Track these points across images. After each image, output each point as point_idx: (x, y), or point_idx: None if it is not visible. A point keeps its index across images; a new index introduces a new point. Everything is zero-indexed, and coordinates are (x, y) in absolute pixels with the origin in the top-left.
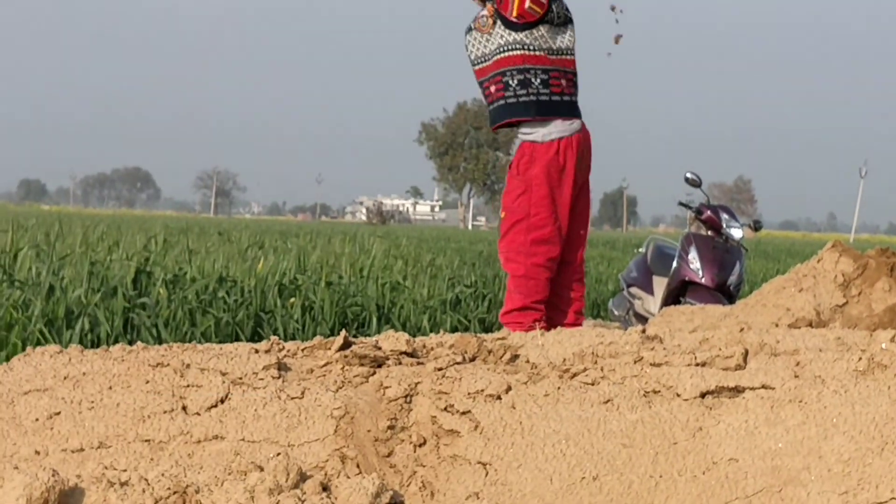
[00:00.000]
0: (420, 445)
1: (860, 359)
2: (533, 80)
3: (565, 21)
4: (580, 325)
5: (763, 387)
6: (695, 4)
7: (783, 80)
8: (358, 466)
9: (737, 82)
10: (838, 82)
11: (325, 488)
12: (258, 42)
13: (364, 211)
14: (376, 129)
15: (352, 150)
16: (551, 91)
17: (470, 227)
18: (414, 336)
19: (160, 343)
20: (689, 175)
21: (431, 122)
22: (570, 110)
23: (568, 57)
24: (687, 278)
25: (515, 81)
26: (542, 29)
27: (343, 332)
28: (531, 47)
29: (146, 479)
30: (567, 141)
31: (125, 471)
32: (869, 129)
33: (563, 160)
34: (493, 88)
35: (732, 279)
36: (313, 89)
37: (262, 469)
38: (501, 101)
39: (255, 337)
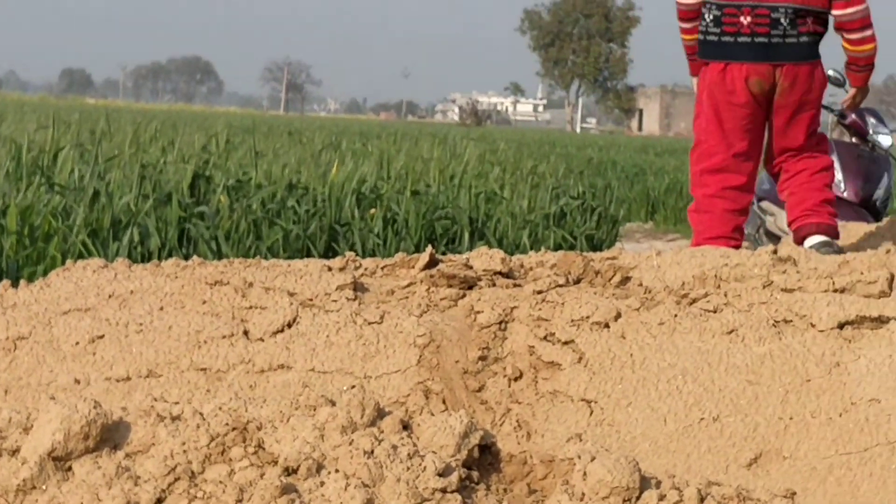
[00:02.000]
0: (516, 379)
1: None
2: (706, 15)
3: None
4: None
5: None
6: None
7: None
8: (444, 402)
9: None
10: None
11: (405, 426)
12: None
13: (456, 110)
14: (472, 17)
15: (444, 41)
16: (722, 30)
17: (578, 129)
18: (511, 254)
19: (220, 258)
20: (831, 73)
21: (535, 8)
22: (746, 53)
23: None
24: None
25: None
26: None
27: (429, 249)
28: None
29: (201, 414)
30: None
31: (177, 403)
32: None
33: (732, 84)
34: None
35: (879, 193)
36: None
37: (333, 404)
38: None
39: (330, 253)
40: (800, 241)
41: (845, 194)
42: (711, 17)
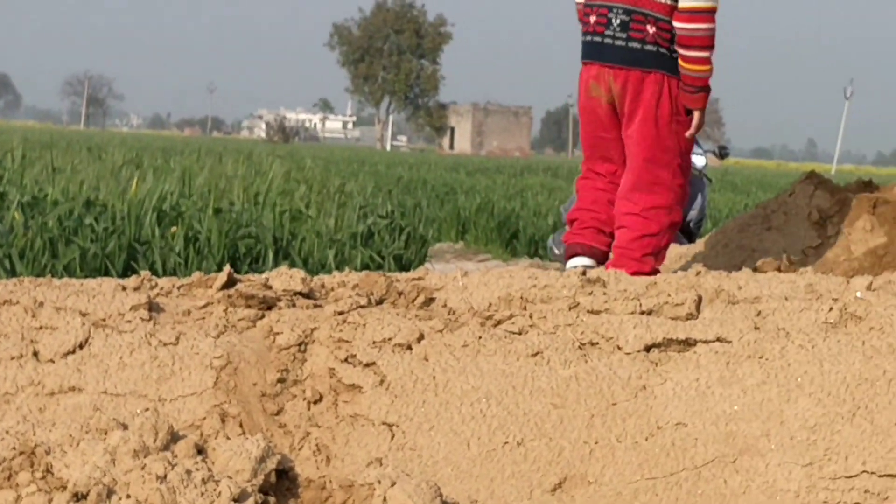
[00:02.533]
0: (315, 402)
1: (831, 309)
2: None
3: None
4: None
5: (718, 340)
6: None
7: None
8: (241, 426)
9: None
10: None
11: (200, 451)
12: None
13: (264, 126)
14: (280, 31)
15: (251, 56)
16: (582, 30)
17: (389, 147)
18: (317, 274)
19: (14, 277)
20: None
21: (345, 22)
22: (589, 52)
23: None
24: None
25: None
26: None
27: (227, 268)
28: None
29: None
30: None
31: None
32: (857, 42)
33: (581, 86)
34: None
35: (693, 214)
36: None
37: (125, 427)
38: None
39: (129, 273)
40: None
41: None
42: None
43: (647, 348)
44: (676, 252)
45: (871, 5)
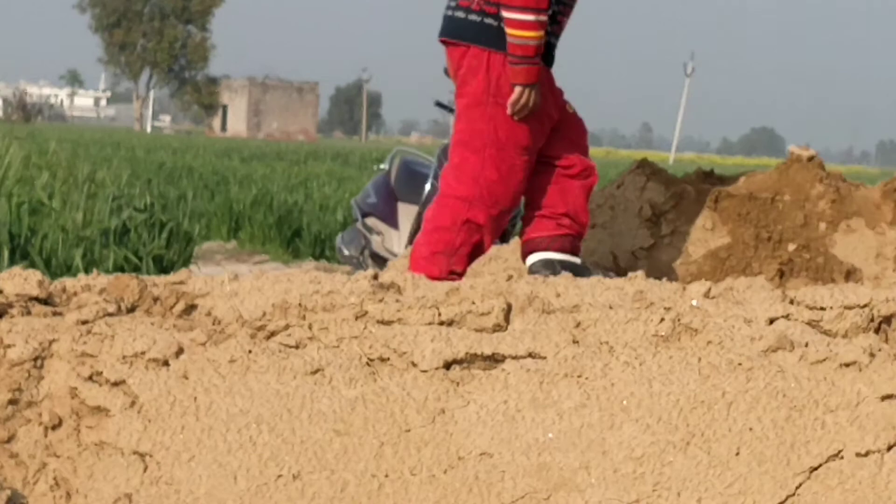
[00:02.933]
0: (54, 427)
1: (662, 320)
2: None
3: None
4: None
5: (530, 355)
6: None
7: None
8: None
9: None
10: None
11: None
12: None
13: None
14: None
15: None
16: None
17: (149, 128)
18: (60, 277)
19: None
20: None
21: None
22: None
23: None
24: None
25: None
26: None
27: None
28: None
29: None
30: None
31: None
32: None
33: None
34: None
35: None
36: None
37: None
38: None
39: None
40: (523, 259)
41: None
42: None
43: (447, 365)
44: (486, 254)
45: None
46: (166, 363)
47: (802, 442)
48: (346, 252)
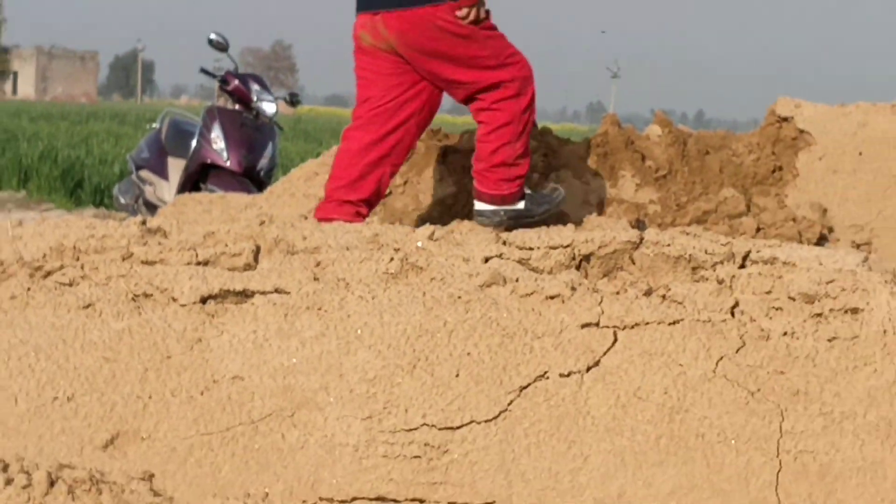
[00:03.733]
0: None
1: (392, 259)
2: None
3: None
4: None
5: (276, 291)
6: None
7: None
8: None
9: None
10: None
11: None
12: None
13: None
14: None
15: None
16: None
17: None
18: None
19: None
20: (213, 36)
21: None
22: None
23: None
24: (209, 160)
25: None
26: None
27: None
28: None
29: None
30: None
31: None
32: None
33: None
34: None
35: (263, 163)
36: None
37: None
38: None
39: None
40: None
41: (228, 164)
42: None
43: (204, 300)
44: (244, 201)
45: None
46: None
47: (514, 365)
48: (122, 201)
